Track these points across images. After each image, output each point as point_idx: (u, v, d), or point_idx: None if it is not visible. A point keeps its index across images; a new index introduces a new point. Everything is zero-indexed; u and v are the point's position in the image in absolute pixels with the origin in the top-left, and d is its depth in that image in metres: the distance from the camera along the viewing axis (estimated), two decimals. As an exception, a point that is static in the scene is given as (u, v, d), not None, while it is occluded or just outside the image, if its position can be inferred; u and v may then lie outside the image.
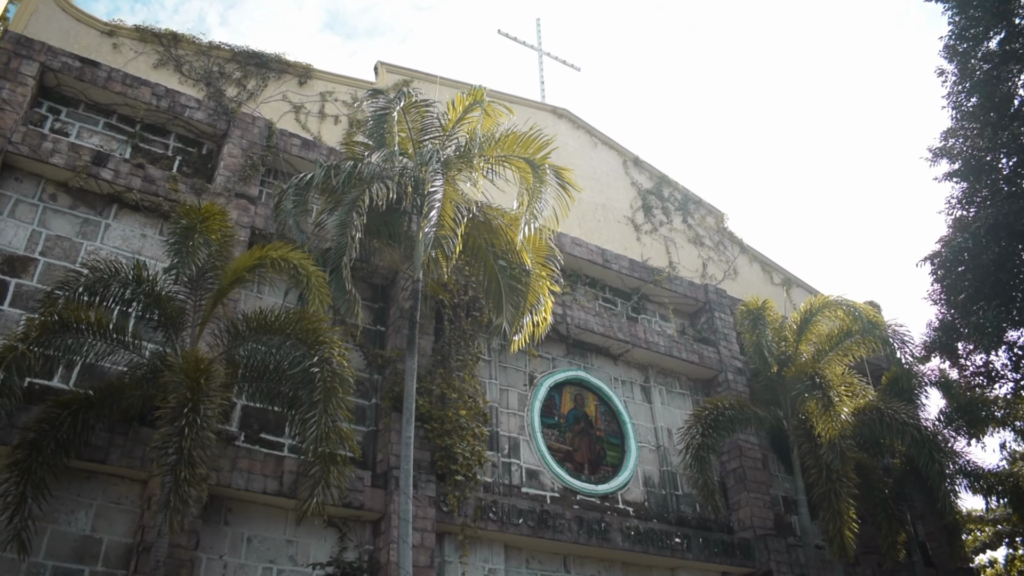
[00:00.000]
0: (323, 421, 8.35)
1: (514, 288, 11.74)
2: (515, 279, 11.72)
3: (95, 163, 11.41)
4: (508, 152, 11.76)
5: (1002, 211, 15.00)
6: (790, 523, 16.25)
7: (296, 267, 9.66)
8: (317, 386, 8.44)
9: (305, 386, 8.55)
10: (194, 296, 9.58)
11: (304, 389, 8.55)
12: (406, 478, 10.23)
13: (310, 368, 8.54)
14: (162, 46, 13.16)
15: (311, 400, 8.42)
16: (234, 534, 10.52)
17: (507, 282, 11.82)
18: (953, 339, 17.37)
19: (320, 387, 8.45)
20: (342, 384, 8.66)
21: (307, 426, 8.40)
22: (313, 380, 8.47)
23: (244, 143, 12.84)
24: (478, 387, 12.99)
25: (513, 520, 12.13)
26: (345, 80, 14.96)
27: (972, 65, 16.59)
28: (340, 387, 8.61)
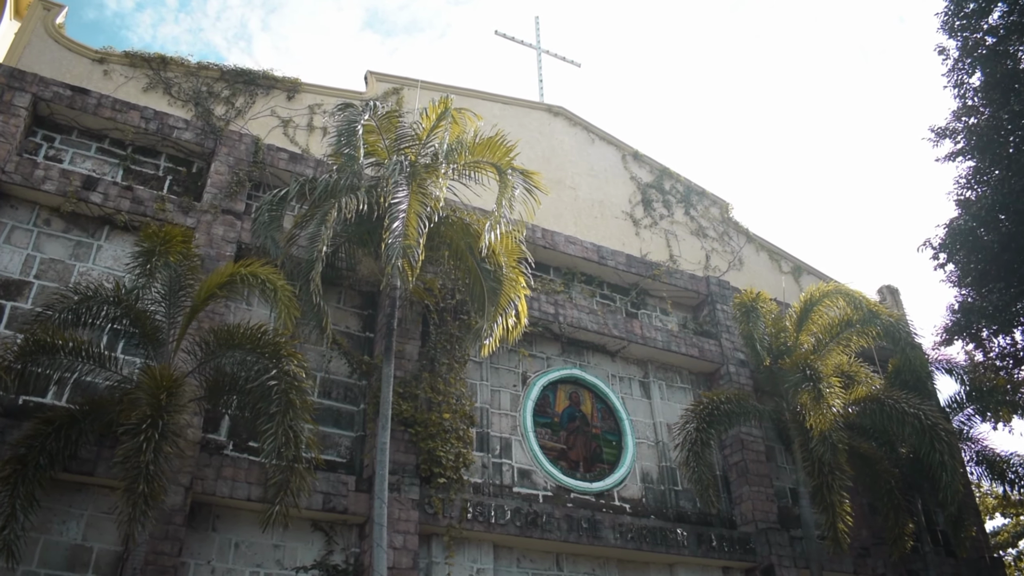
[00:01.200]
0: (280, 432, 8.65)
1: (495, 290, 11.92)
2: (496, 281, 11.88)
3: (85, 187, 11.94)
4: (478, 157, 11.93)
5: (1002, 191, 14.57)
6: (798, 515, 16.04)
7: (264, 282, 9.99)
8: (274, 398, 8.74)
9: (263, 398, 8.86)
10: (168, 314, 9.98)
11: (263, 401, 8.86)
12: (381, 483, 10.52)
13: (268, 381, 8.83)
14: (152, 69, 13.65)
15: (269, 412, 8.73)
16: (221, 540, 10.93)
17: (490, 284, 12.00)
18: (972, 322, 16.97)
19: (277, 399, 8.75)
20: (300, 395, 8.94)
21: (266, 437, 8.72)
22: (270, 392, 8.77)
23: (231, 160, 13.26)
24: (464, 390, 13.20)
25: (500, 520, 12.31)
26: (334, 92, 15.28)
27: (974, 40, 16.10)
28: (298, 399, 8.89)
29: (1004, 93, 15.63)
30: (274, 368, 8.95)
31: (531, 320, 14.61)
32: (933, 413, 13.69)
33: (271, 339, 9.25)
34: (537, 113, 17.98)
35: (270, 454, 8.73)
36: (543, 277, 15.79)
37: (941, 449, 13.29)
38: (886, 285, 21.17)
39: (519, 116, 17.55)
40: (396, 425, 12.17)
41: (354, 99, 15.43)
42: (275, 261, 11.01)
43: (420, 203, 10.45)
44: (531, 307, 14.66)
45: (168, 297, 9.94)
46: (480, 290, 12.11)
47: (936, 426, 13.50)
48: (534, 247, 15.57)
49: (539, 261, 15.93)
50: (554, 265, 16.12)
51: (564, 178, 17.34)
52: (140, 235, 9.80)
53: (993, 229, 15.02)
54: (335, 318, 13.36)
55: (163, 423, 8.33)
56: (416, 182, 10.80)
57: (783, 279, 19.03)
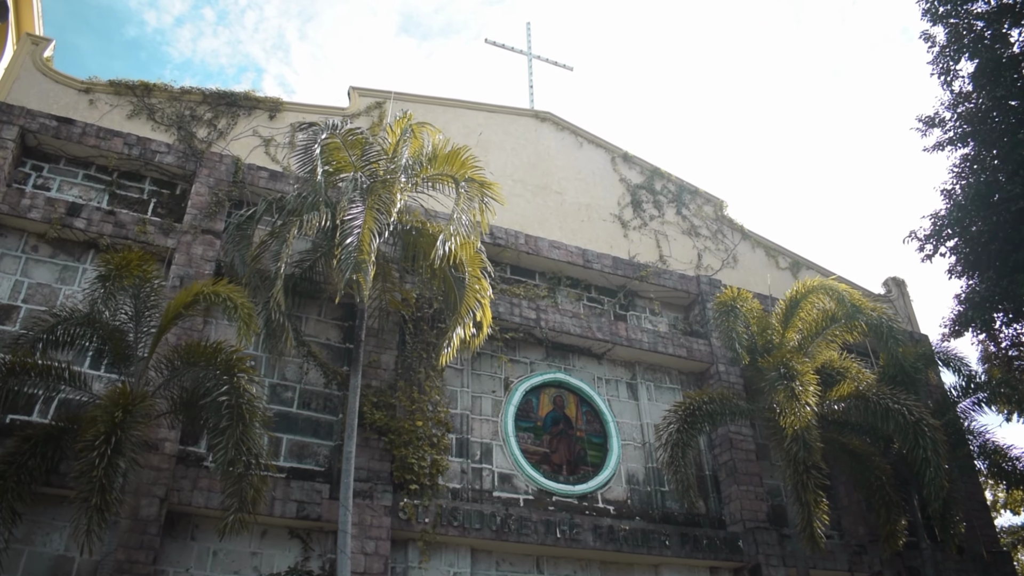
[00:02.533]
0: (230, 445, 9.02)
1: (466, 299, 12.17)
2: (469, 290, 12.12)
3: (69, 214, 12.53)
4: (439, 170, 12.19)
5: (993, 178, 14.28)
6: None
7: (226, 299, 10.38)
8: (224, 414, 9.12)
9: (214, 414, 9.24)
10: (136, 334, 10.45)
11: (214, 416, 9.25)
12: (345, 491, 10.82)
13: (218, 397, 9.21)
14: (136, 96, 14.22)
15: (219, 427, 9.11)
16: (200, 549, 11.38)
17: (461, 293, 12.25)
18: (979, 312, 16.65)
19: (227, 413, 9.12)
20: (251, 410, 9.30)
21: (216, 451, 9.11)
22: (221, 407, 9.15)
23: (211, 181, 13.74)
24: (439, 397, 13.44)
25: (475, 525, 12.54)
26: (316, 109, 15.69)
27: (962, 26, 15.77)
28: (249, 414, 9.25)
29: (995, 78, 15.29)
30: (225, 384, 9.31)
31: (512, 326, 14.89)
32: (918, 408, 13.47)
33: (225, 356, 9.61)
34: (523, 119, 18.15)
35: (220, 466, 9.10)
36: (527, 283, 15.97)
37: (925, 445, 13.08)
38: (892, 277, 20.82)
39: (504, 123, 17.75)
40: (371, 433, 12.50)
41: (336, 115, 15.83)
42: (242, 279, 11.42)
43: (374, 219, 10.72)
44: (512, 313, 14.91)
45: (135, 318, 10.39)
46: (454, 298, 12.38)
47: (920, 421, 13.29)
48: (517, 253, 15.80)
49: (523, 267, 16.16)
50: (539, 270, 16.27)
51: (550, 183, 17.48)
52: (98, 260, 10.26)
53: (981, 217, 14.71)
54: (315, 330, 13.77)
55: (117, 439, 8.73)
56: (373, 197, 11.08)
57: (778, 275, 18.85)
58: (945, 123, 15.89)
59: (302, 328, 13.62)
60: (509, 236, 15.75)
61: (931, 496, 12.97)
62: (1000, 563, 16.68)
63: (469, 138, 17.03)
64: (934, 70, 15.94)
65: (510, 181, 16.95)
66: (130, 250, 12.62)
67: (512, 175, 17.09)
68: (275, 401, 12.82)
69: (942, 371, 17.69)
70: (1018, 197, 13.97)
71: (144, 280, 10.34)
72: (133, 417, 9.18)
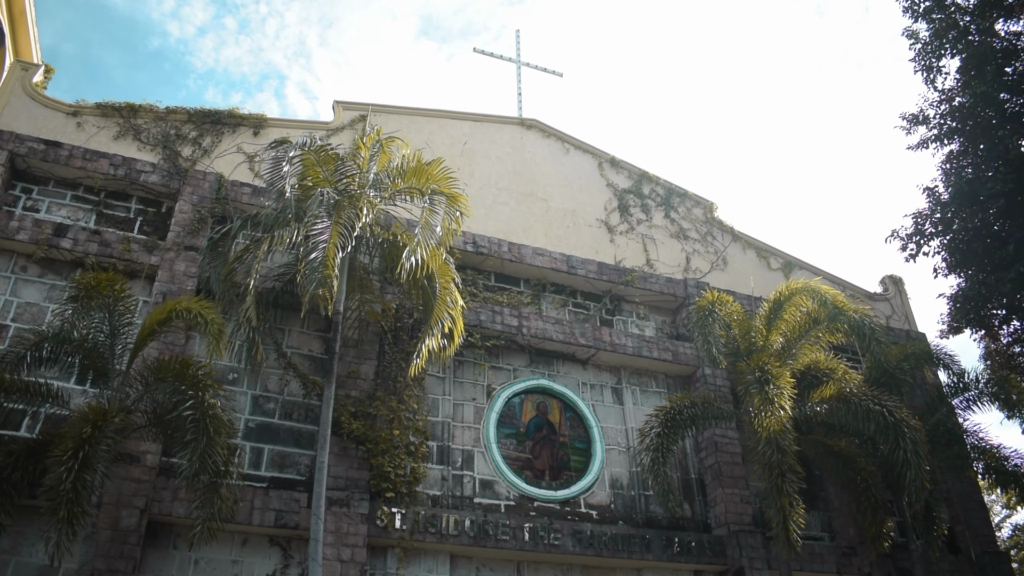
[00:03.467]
0: (194, 458, 9.31)
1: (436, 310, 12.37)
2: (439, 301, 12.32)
3: (56, 234, 12.96)
4: (409, 183, 12.41)
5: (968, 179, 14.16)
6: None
7: (196, 316, 10.71)
8: (188, 428, 9.42)
9: (179, 428, 9.55)
10: (112, 351, 10.80)
11: (179, 431, 9.55)
12: (317, 500, 11.06)
13: (183, 412, 9.52)
14: (122, 118, 14.64)
15: (183, 441, 9.42)
16: (181, 557, 11.71)
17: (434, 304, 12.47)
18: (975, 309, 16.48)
19: (191, 428, 9.43)
20: (216, 424, 9.59)
21: (183, 464, 9.42)
22: (186, 422, 9.45)
23: (195, 198, 14.11)
24: (417, 405, 13.66)
25: (453, 531, 12.73)
26: (301, 124, 16.01)
27: (946, 21, 15.63)
28: (214, 427, 9.54)
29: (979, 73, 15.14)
30: (191, 399, 9.61)
31: (494, 333, 15.06)
32: (899, 409, 13.39)
33: (193, 371, 9.92)
34: (509, 127, 18.31)
35: (186, 478, 9.40)
36: (511, 290, 16.13)
37: (905, 446, 13.01)
38: (888, 275, 20.65)
39: (490, 132, 17.92)
40: (349, 443, 12.76)
41: (321, 129, 16.15)
42: (216, 295, 11.75)
43: (340, 234, 10.95)
44: (494, 321, 15.08)
45: (111, 335, 10.74)
46: (431, 308, 12.59)
47: (901, 422, 13.22)
48: (500, 261, 15.97)
49: (507, 274, 16.33)
50: (524, 277, 16.42)
51: (535, 190, 17.62)
52: (70, 280, 10.63)
53: (965, 215, 14.59)
54: (298, 342, 14.07)
55: (86, 454, 9.07)
56: (339, 213, 11.31)
57: (770, 276, 18.77)
58: (929, 120, 15.75)
59: (285, 340, 13.94)
60: (492, 244, 15.93)
61: (912, 497, 12.88)
62: (996, 563, 16.47)
63: (454, 148, 17.27)
64: (917, 67, 15.82)
65: (494, 189, 17.14)
66: (115, 268, 13.19)
67: (497, 183, 17.27)
68: (257, 412, 13.14)
69: (941, 370, 17.55)
70: (1000, 194, 13.83)
71: (118, 298, 10.68)
72: (103, 432, 9.53)
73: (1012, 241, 13.98)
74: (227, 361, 12.94)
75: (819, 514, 16.40)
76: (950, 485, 17.62)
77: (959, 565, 16.35)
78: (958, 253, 14.88)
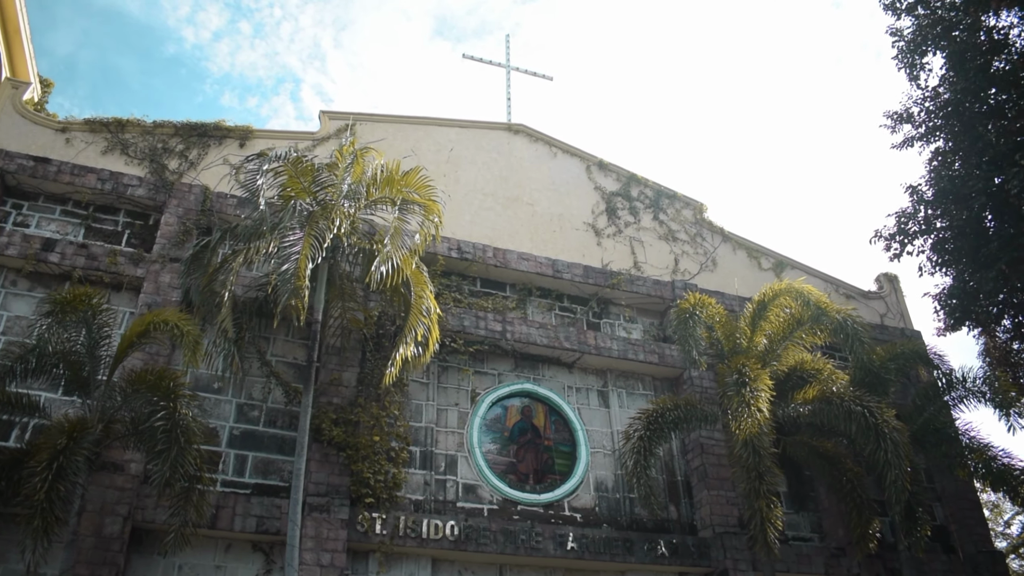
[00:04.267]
0: (166, 467, 9.55)
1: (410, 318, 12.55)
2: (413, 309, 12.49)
3: (44, 249, 13.30)
4: (383, 193, 12.59)
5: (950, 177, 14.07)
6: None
7: (173, 327, 10.96)
8: (159, 437, 9.66)
9: (150, 438, 9.79)
10: (91, 363, 11.08)
11: (150, 440, 9.80)
12: (294, 506, 11.27)
13: (155, 422, 9.76)
14: (110, 132, 14.95)
15: (155, 450, 9.66)
16: (166, 564, 11.97)
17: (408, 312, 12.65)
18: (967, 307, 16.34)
19: (163, 438, 9.67)
20: (188, 434, 9.82)
21: (154, 471, 9.67)
22: (157, 432, 9.69)
23: (180, 211, 14.40)
24: (398, 412, 13.82)
25: (434, 536, 12.89)
26: (286, 135, 16.24)
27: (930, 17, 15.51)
28: (185, 436, 9.77)
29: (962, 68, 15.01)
30: (163, 409, 9.85)
31: (478, 339, 15.20)
32: (880, 410, 13.36)
33: (165, 382, 10.16)
34: (496, 133, 18.43)
35: (157, 487, 9.65)
36: (496, 295, 16.26)
37: (886, 447, 12.98)
38: (883, 273, 20.52)
39: (476, 138, 18.06)
40: (330, 449, 12.97)
41: (306, 139, 16.39)
42: (195, 306, 12.01)
43: (311, 246, 11.15)
44: (477, 326, 15.22)
45: (89, 348, 11.02)
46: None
47: (881, 423, 13.19)
48: (486, 267, 16.12)
49: (492, 279, 16.47)
50: (509, 282, 16.54)
51: (522, 195, 17.73)
52: (46, 296, 10.92)
53: (949, 214, 14.50)
54: (283, 350, 14.30)
55: (59, 464, 9.34)
56: (311, 224, 11.50)
57: (761, 276, 18.72)
58: (914, 118, 15.66)
59: (270, 348, 14.18)
60: (477, 250, 16.07)
61: (893, 498, 12.85)
62: (991, 562, 16.33)
63: (440, 154, 17.43)
64: (900, 64, 15.72)
65: (480, 195, 17.27)
66: (101, 281, 13.51)
67: (483, 189, 17.40)
68: (242, 420, 13.38)
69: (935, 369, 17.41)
70: (981, 191, 13.72)
71: (95, 312, 10.96)
72: (79, 443, 9.80)
73: (995, 238, 13.87)
74: (212, 370, 13.16)
75: (809, 515, 16.36)
76: (944, 485, 17.51)
77: (952, 565, 16.23)
78: (943, 252, 14.78)
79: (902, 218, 14.74)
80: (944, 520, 17.38)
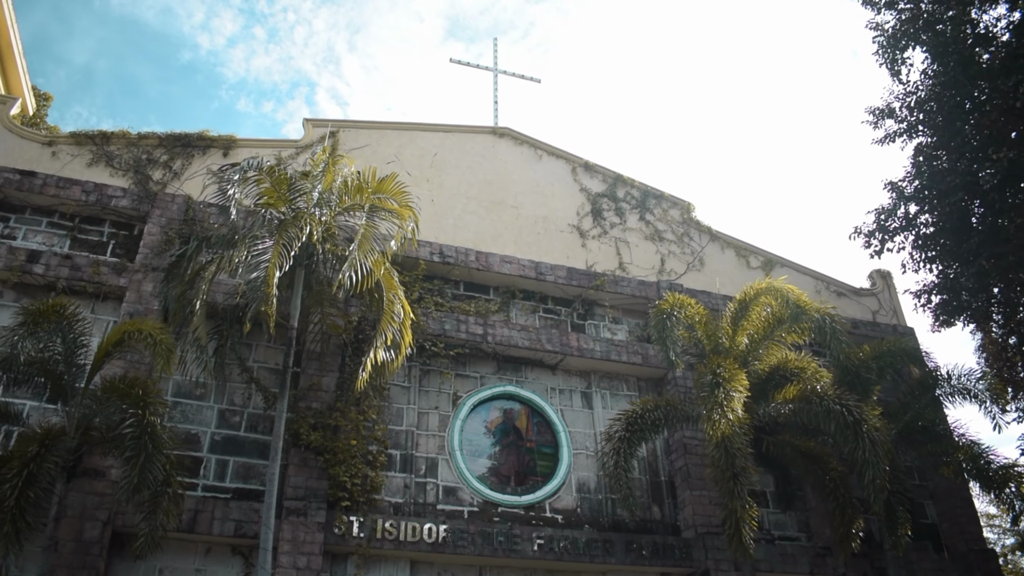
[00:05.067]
0: (134, 474, 9.76)
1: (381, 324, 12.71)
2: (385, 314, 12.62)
3: (29, 261, 13.60)
4: (354, 200, 12.74)
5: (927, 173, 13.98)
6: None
7: (148, 336, 11.18)
8: (127, 444, 9.87)
9: (119, 445, 10.00)
10: (68, 372, 11.33)
11: (120, 448, 10.01)
12: (267, 511, 11.43)
13: (124, 430, 9.97)
14: (95, 145, 15.25)
15: (124, 457, 9.88)
16: (147, 567, 12.21)
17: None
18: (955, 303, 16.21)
19: (131, 445, 9.87)
20: (155, 440, 10.02)
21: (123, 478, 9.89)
22: (125, 440, 9.90)
23: (163, 220, 14.65)
24: (375, 416, 13.96)
25: (411, 538, 13.01)
26: (269, 143, 16.46)
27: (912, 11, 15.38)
28: (153, 443, 9.97)
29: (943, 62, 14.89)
30: (131, 417, 10.06)
31: (459, 342, 15.31)
32: (858, 408, 13.28)
33: (134, 390, 10.37)
34: (481, 137, 18.53)
35: (125, 492, 9.86)
36: (480, 298, 16.36)
37: (863, 445, 12.90)
38: (876, 270, 20.38)
39: (461, 142, 18.17)
40: (309, 454, 13.14)
41: (290, 147, 16.60)
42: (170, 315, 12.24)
43: (279, 254, 11.30)
44: (459, 330, 15.33)
45: (66, 358, 11.27)
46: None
47: (859, 421, 13.12)
48: (468, 270, 16.23)
49: (476, 283, 16.57)
50: (493, 285, 16.63)
51: (506, 198, 17.81)
52: (19, 308, 11.18)
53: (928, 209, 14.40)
54: (265, 356, 14.50)
55: (30, 472, 9.58)
56: (281, 233, 11.66)
57: (750, 275, 18.63)
58: (896, 114, 15.54)
59: (252, 354, 14.39)
60: (459, 254, 16.18)
61: (871, 497, 12.76)
62: (983, 560, 16.17)
63: (424, 160, 17.57)
64: (881, 60, 15.60)
65: (464, 199, 17.39)
66: (85, 291, 13.79)
67: (466, 193, 17.51)
68: (224, 426, 13.60)
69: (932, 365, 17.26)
70: (959, 187, 13.61)
71: (71, 322, 11.21)
72: (51, 451, 10.05)
73: (975, 235, 13.75)
74: (186, 376, 13.38)
75: (796, 514, 16.31)
76: (936, 483, 17.35)
77: (943, 563, 16.09)
78: (925, 248, 14.67)
79: (881, 215, 14.64)
80: (936, 518, 17.24)
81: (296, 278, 12.68)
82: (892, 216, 14.56)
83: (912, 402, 15.33)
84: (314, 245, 12.49)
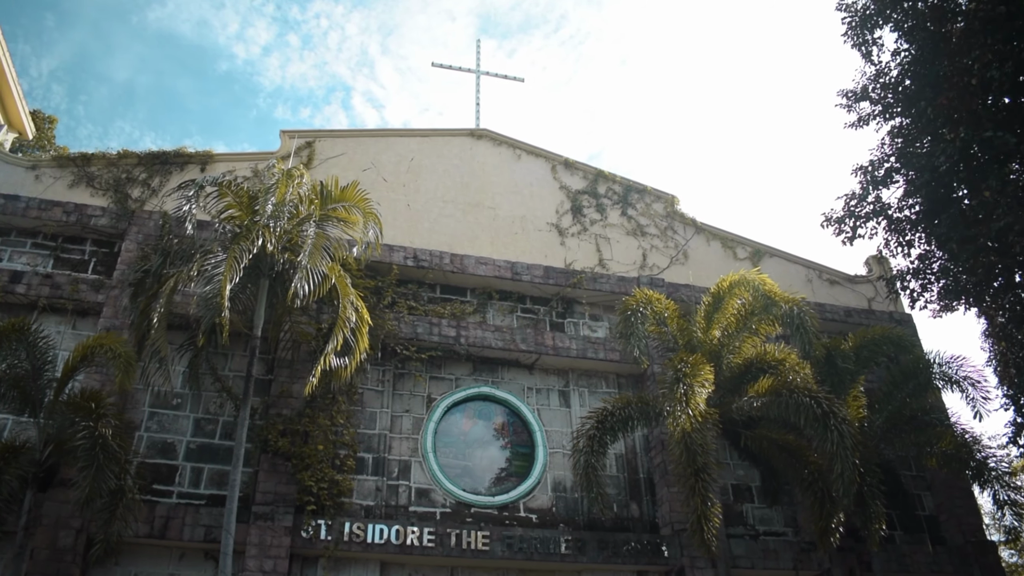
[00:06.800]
0: (85, 484, 10.14)
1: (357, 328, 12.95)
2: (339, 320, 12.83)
3: (11, 281, 14.19)
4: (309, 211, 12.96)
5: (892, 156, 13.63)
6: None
7: (109, 350, 11.59)
8: (80, 456, 10.26)
9: (72, 457, 10.40)
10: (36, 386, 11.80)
11: (72, 459, 10.41)
12: (228, 516, 11.71)
13: (77, 443, 10.36)
14: (76, 167, 15.80)
15: (79, 467, 10.27)
16: (123, 573, 12.63)
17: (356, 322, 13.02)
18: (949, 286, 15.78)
19: (83, 456, 10.26)
20: (107, 452, 10.39)
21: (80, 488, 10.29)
22: (77, 452, 10.30)
23: (140, 237, 15.12)
24: (343, 420, 14.17)
25: (379, 540, 13.19)
26: (245, 156, 16.82)
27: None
28: (104, 454, 10.34)
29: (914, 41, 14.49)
30: (84, 429, 10.45)
31: (431, 345, 15.45)
32: (828, 401, 13.00)
33: (88, 404, 10.76)
34: (459, 140, 18.63)
35: (79, 502, 10.25)
36: (455, 300, 16.47)
37: (832, 438, 12.63)
38: (873, 256, 19.88)
39: (439, 146, 18.30)
40: (278, 459, 13.43)
41: (265, 159, 16.90)
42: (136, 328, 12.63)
43: (232, 267, 11.56)
44: (431, 333, 15.47)
45: (33, 373, 11.75)
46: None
47: (828, 414, 12.85)
48: (443, 273, 16.35)
49: (452, 285, 16.69)
50: (469, 287, 16.72)
51: (483, 200, 17.88)
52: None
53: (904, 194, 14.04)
54: (239, 365, 14.84)
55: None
56: (234, 246, 11.92)
57: (736, 266, 18.34)
58: (869, 96, 15.16)
59: (228, 363, 14.75)
60: (434, 257, 16.31)
61: (841, 491, 12.49)
62: (982, 552, 15.67)
63: (401, 165, 17.75)
64: (851, 41, 15.23)
65: (440, 202, 17.51)
66: (65, 308, 14.31)
67: (443, 196, 17.63)
68: (199, 434, 13.98)
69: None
70: (926, 168, 13.21)
71: (36, 339, 11.68)
72: (9, 464, 10.51)
73: (943, 220, 13.34)
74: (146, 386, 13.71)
75: (783, 509, 16.04)
76: (933, 474, 16.87)
77: (938, 556, 15.64)
78: (899, 232, 14.29)
79: (851, 200, 14.30)
80: (934, 510, 16.77)
81: (260, 288, 12.97)
82: (863, 202, 14.21)
83: (896, 391, 14.94)
84: (273, 256, 12.76)
